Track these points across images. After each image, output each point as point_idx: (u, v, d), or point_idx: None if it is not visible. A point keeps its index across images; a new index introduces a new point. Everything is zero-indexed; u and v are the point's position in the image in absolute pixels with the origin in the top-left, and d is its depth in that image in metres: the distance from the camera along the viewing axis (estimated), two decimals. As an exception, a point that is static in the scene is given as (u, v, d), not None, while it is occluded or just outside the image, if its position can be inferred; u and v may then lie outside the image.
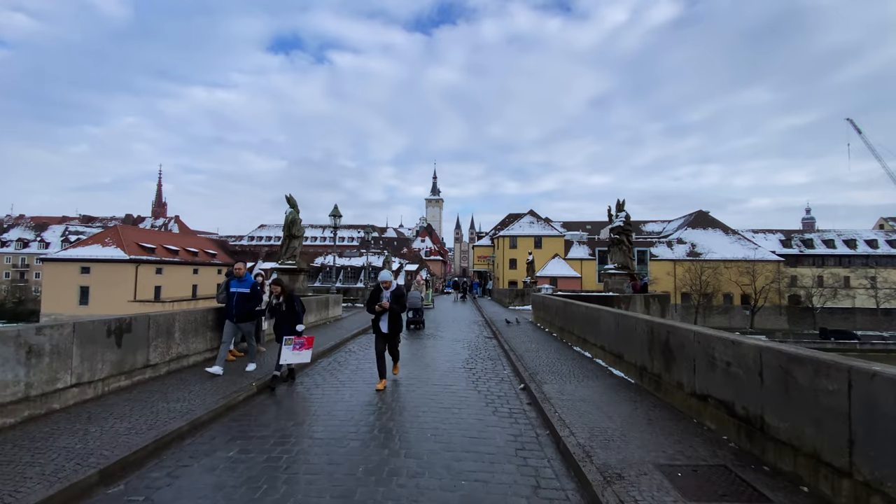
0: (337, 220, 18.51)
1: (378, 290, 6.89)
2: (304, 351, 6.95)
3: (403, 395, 6.44)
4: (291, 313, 7.05)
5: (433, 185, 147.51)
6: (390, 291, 6.81)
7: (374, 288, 6.98)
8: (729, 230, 72.07)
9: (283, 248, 19.57)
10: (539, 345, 10.66)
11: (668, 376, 5.80)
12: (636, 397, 6.01)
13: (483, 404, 6.06)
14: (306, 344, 7.01)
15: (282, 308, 7.07)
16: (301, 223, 19.49)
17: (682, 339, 5.50)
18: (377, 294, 6.85)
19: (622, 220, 18.84)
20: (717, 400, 4.74)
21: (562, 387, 6.58)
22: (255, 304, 7.55)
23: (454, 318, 19.00)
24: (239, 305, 7.37)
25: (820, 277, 67.39)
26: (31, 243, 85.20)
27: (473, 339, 12.13)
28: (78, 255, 48.68)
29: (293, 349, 6.82)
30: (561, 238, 70.15)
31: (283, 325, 7.03)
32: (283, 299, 7.07)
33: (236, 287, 7.46)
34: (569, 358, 8.92)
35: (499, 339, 11.72)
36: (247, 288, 7.48)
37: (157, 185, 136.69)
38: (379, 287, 6.91)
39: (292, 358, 6.84)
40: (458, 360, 9.17)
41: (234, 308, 7.34)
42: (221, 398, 5.86)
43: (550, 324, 13.36)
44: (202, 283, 59.66)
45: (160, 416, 5.12)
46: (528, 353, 9.41)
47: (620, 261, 18.67)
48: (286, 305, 7.07)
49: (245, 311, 7.42)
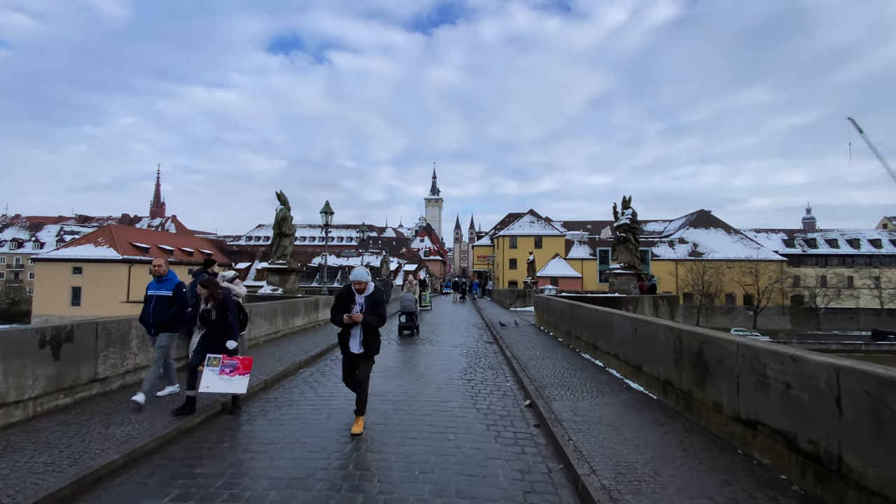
0: (329, 217, 17.61)
1: (348, 293, 5.03)
2: (236, 377, 5.20)
3: (390, 415, 5.54)
4: (223, 325, 5.39)
5: (433, 185, 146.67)
6: (365, 296, 5.00)
7: (343, 290, 5.12)
8: (731, 230, 71.25)
9: (274, 246, 18.68)
10: (544, 351, 9.76)
11: (702, 394, 4.91)
12: (662, 418, 5.12)
13: (483, 427, 5.16)
14: (241, 368, 5.26)
15: (210, 317, 5.39)
16: (292, 221, 18.60)
17: (720, 351, 4.61)
18: (346, 299, 5.01)
19: (628, 217, 17.97)
20: (772, 429, 3.85)
21: (574, 404, 5.69)
22: (180, 310, 5.81)
23: (453, 320, 18.10)
24: (157, 312, 5.74)
25: (823, 277, 66.64)
26: (26, 243, 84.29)
27: (472, 345, 11.23)
28: (70, 255, 47.77)
29: (220, 373, 5.16)
30: (561, 238, 69.28)
31: (210, 341, 5.40)
32: (213, 305, 5.39)
33: (155, 289, 5.84)
34: (578, 367, 8.02)
35: (500, 345, 10.83)
36: (168, 290, 5.86)
37: (155, 184, 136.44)
38: (350, 290, 5.04)
39: (218, 385, 5.14)
40: (456, 369, 8.27)
41: (151, 316, 5.74)
42: (175, 420, 4.96)
43: (555, 327, 12.46)
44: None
45: (92, 445, 4.23)
46: (532, 362, 8.51)
47: (627, 260, 17.79)
48: (217, 313, 5.39)
49: (164, 320, 5.77)
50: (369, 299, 5.01)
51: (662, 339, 5.85)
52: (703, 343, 4.92)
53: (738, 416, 4.31)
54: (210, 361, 5.23)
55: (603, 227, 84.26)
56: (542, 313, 14.41)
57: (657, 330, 6.02)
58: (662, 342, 5.85)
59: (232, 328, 5.43)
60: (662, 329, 5.88)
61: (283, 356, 8.83)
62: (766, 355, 3.92)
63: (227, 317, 5.40)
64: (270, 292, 17.62)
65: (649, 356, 6.28)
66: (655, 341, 6.06)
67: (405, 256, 79.34)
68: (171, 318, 5.79)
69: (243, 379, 5.29)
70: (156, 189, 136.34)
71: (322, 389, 6.70)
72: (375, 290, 5.13)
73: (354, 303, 4.98)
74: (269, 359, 8.50)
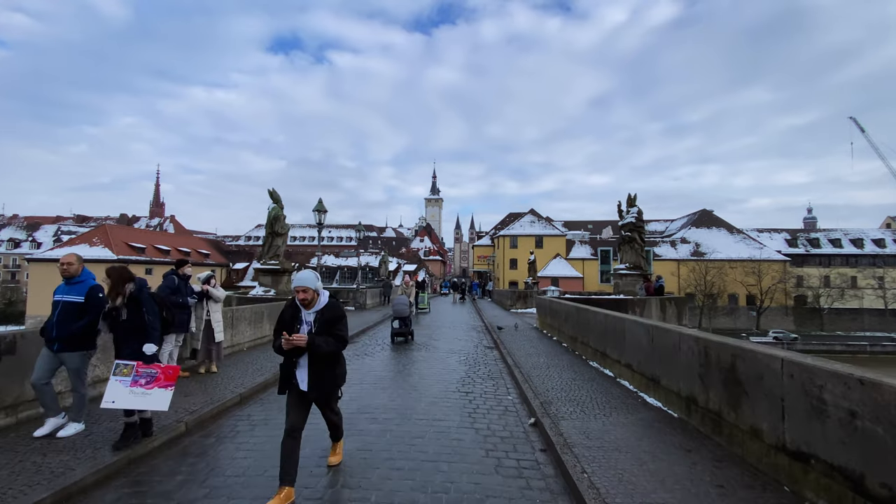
0: (322, 215, 16.95)
1: (291, 307, 3.68)
2: (154, 390, 4.09)
3: (376, 438, 4.87)
4: (137, 325, 4.25)
5: (433, 185, 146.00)
6: (316, 311, 3.65)
7: (287, 303, 3.79)
8: (734, 229, 70.57)
9: (266, 246, 18.01)
10: (548, 359, 9.09)
11: (735, 417, 4.25)
12: (688, 443, 4.46)
13: (482, 452, 4.49)
14: (161, 378, 4.15)
15: (119, 317, 4.25)
16: (285, 220, 17.94)
17: (759, 367, 3.94)
18: (289, 316, 3.64)
19: (634, 215, 17.30)
20: (829, 465, 3.18)
21: (585, 424, 5.02)
22: (93, 321, 4.46)
23: (451, 322, 17.43)
24: (62, 323, 4.40)
25: (826, 277, 65.98)
26: (23, 243, 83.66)
27: (471, 351, 10.56)
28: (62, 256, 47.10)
29: (131, 385, 4.05)
30: (562, 238, 68.62)
31: (121, 345, 4.29)
32: (122, 302, 4.25)
33: (63, 293, 4.50)
34: (586, 378, 7.35)
35: (500, 351, 10.16)
36: (79, 295, 4.47)
37: (154, 184, 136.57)
38: (294, 304, 3.68)
39: (127, 400, 4.04)
40: (453, 379, 7.60)
41: (55, 327, 4.40)
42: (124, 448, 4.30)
43: (559, 331, 11.79)
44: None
45: (19, 479, 3.57)
46: (536, 371, 7.84)
47: (632, 260, 17.13)
48: (128, 312, 4.25)
49: (70, 333, 4.41)
50: (321, 316, 3.58)
51: (685, 351, 5.18)
52: (736, 357, 4.25)
53: (782, 445, 3.65)
54: (118, 370, 4.07)
55: (604, 226, 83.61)
56: (545, 316, 13.74)
57: (679, 340, 5.35)
58: (685, 353, 5.18)
59: (149, 328, 4.26)
60: (685, 339, 5.21)
61: (266, 364, 8.16)
62: (824, 376, 3.26)
63: (143, 314, 4.26)
64: (262, 294, 16.98)
65: (668, 368, 5.61)
66: (676, 352, 5.39)
67: (405, 256, 78.67)
68: (79, 330, 4.43)
69: (164, 393, 4.12)
70: (155, 189, 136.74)
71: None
72: (330, 303, 3.69)
73: (300, 321, 3.59)
74: (251, 367, 7.84)
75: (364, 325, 14.69)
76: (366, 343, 11.56)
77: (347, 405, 5.90)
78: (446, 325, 16.33)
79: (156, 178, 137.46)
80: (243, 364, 8.00)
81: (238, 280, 61.18)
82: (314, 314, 3.63)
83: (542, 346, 10.68)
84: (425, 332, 13.99)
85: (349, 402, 6.12)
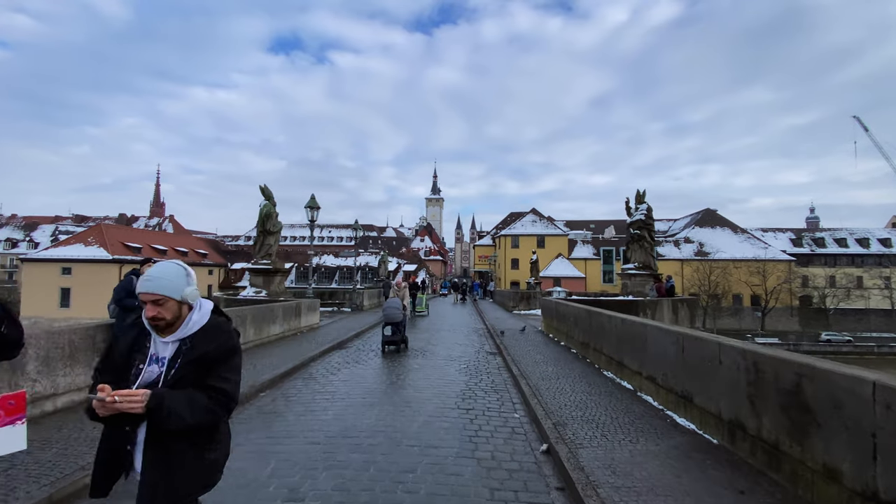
0: (314, 212, 16.14)
1: (137, 332, 1.95)
2: None
3: (356, 473, 4.02)
4: None
5: (433, 184, 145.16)
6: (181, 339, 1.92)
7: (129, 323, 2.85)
8: (738, 229, 69.68)
9: (258, 245, 17.18)
10: (557, 367, 8.26)
11: (801, 451, 3.42)
12: (739, 480, 3.63)
13: (486, 493, 3.66)
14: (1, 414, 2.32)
15: None
16: (277, 217, 17.10)
17: (837, 392, 3.11)
18: (130, 347, 1.93)
19: (643, 213, 16.47)
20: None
21: (609, 453, 4.20)
22: None
23: (451, 325, 16.61)
24: None
25: (832, 277, 65.10)
26: (21, 243, 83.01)
27: (472, 357, 9.73)
28: (58, 255, 46.41)
29: None
30: (564, 237, 67.81)
31: None
32: None
33: None
34: (603, 392, 6.52)
35: (504, 357, 9.34)
36: None
37: (154, 184, 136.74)
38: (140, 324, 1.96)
39: None
40: (452, 392, 6.78)
41: None
42: (49, 483, 3.47)
43: (567, 336, 10.96)
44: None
45: None
46: (545, 382, 7.02)
47: (641, 259, 16.30)
48: None
49: None
50: (189, 351, 1.89)
51: (727, 365, 4.35)
52: (802, 376, 3.42)
53: (872, 493, 2.82)
54: None
55: (606, 226, 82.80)
56: (552, 319, 12.90)
57: (718, 351, 4.52)
58: (727, 368, 4.35)
59: None
60: (728, 351, 4.38)
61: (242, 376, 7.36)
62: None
63: None
64: (253, 295, 16.18)
65: (704, 384, 4.79)
66: (714, 366, 4.57)
67: (405, 256, 77.85)
68: None
69: (12, 431, 2.41)
70: (156, 189, 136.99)
71: (278, 426, 5.21)
72: (211, 326, 1.98)
73: (145, 357, 1.91)
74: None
75: (360, 328, 13.87)
76: (359, 349, 10.73)
77: (329, 426, 5.11)
78: (445, 327, 15.50)
79: (156, 178, 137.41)
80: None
81: (236, 280, 60.40)
82: (176, 344, 1.91)
83: (549, 353, 9.86)
84: (423, 335, 13.18)
85: (332, 421, 5.33)
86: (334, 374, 7.81)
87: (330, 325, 14.79)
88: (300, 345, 10.39)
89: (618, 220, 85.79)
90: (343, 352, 10.18)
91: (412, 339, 11.36)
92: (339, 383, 7.12)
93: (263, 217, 16.72)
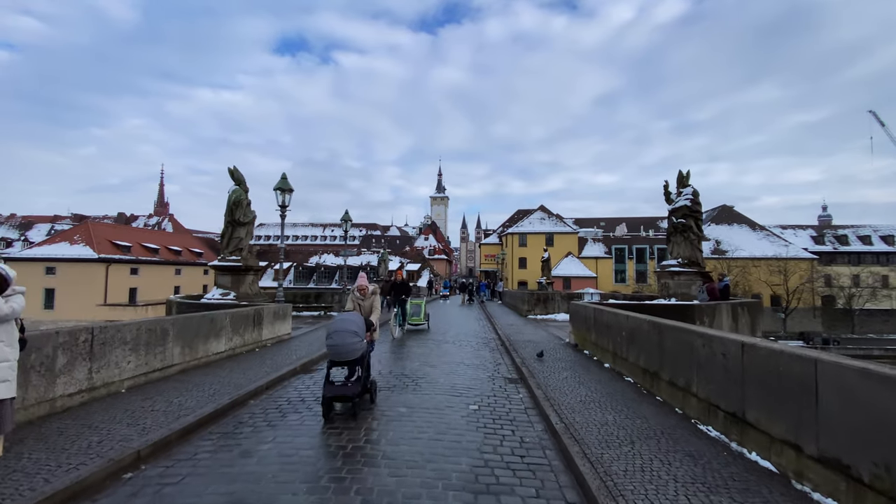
0: (286, 195, 13.38)
1: None
2: None
3: None
4: None
5: (438, 182, 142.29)
6: None
7: None
8: (756, 226, 66.34)
9: (225, 238, 14.40)
10: (618, 413, 5.40)
11: None
12: None
13: None
14: None
15: None
16: (249, 206, 14.36)
17: None
18: None
19: (688, 197, 13.58)
20: None
21: None
22: None
23: (456, 334, 13.75)
24: None
25: (856, 276, 61.77)
26: (15, 242, 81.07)
27: (486, 388, 6.90)
28: (41, 255, 43.99)
29: None
30: (574, 235, 64.72)
31: None
32: None
33: None
34: (724, 476, 3.68)
35: (532, 390, 6.50)
36: None
37: (158, 185, 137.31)
38: None
39: None
40: (457, 469, 3.98)
41: None
42: None
43: (614, 356, 8.07)
44: (186, 283, 54.81)
45: None
46: (610, 448, 4.20)
47: (686, 254, 13.41)
48: None
49: None
50: None
51: None
52: None
53: None
54: None
55: (618, 223, 79.68)
56: (588, 332, 10.00)
57: None
58: None
59: None
60: None
61: (146, 418, 4.62)
62: None
63: None
64: (219, 298, 13.46)
65: None
66: None
67: (408, 255, 75.04)
68: None
69: None
70: (159, 189, 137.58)
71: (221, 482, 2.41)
72: None
73: None
74: (82, 444, 4.22)
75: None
76: (305, 386, 6.91)
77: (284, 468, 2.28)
78: (449, 338, 12.66)
79: (160, 178, 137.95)
80: (72, 435, 4.39)
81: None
82: None
83: (597, 383, 6.99)
84: (419, 350, 10.38)
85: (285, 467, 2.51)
86: (274, 426, 5.02)
87: (305, 335, 11.99)
88: (250, 367, 7.60)
89: (629, 218, 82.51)
90: (308, 378, 7.37)
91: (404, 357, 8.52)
92: (268, 452, 4.32)
93: (232, 205, 13.98)
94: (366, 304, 6.71)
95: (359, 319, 5.63)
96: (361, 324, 5.60)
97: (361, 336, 5.49)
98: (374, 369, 7.02)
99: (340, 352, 5.31)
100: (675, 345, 5.70)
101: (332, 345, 5.33)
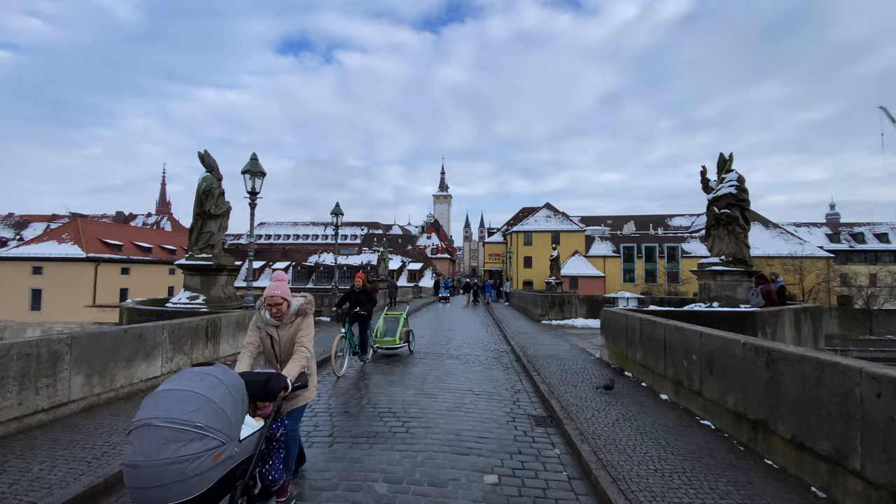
0: (256, 180, 11.45)
1: None
2: None
3: None
4: None
5: (441, 181, 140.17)
6: None
7: None
8: (769, 223, 64.13)
9: (194, 233, 12.31)
10: (726, 499, 3.46)
11: None
12: None
13: None
14: None
15: None
16: (222, 195, 12.40)
17: None
18: None
19: (733, 184, 11.56)
20: None
21: None
22: None
23: (460, 345, 11.76)
24: None
25: (874, 276, 59.58)
26: (10, 241, 79.45)
27: (506, 441, 4.89)
28: (27, 254, 42.24)
29: None
30: (581, 233, 62.59)
31: None
32: None
33: None
34: None
35: (570, 438, 4.52)
36: None
37: (161, 184, 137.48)
38: None
39: None
40: None
41: None
42: None
43: (677, 385, 6.05)
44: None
45: None
46: None
47: (731, 251, 11.38)
48: None
49: None
50: None
51: None
52: None
53: None
54: None
55: (625, 221, 77.60)
56: (632, 349, 7.95)
57: None
58: None
59: None
60: None
61: None
62: None
63: None
64: (185, 303, 11.55)
65: None
66: None
67: (410, 254, 73.06)
68: None
69: None
70: (161, 188, 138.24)
71: None
72: None
73: None
74: None
75: (320, 354, 9.06)
76: None
77: None
78: (451, 352, 10.66)
79: (162, 177, 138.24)
80: None
81: (229, 280, 55.91)
82: None
83: (662, 430, 5.01)
84: (415, 369, 8.41)
85: None
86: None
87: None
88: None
89: (637, 216, 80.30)
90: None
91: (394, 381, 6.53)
92: None
93: (202, 194, 11.98)
94: (284, 336, 3.47)
95: (223, 388, 2.36)
96: (230, 396, 2.38)
97: (224, 431, 2.26)
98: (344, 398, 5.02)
99: (145, 497, 2.06)
100: (804, 385, 3.71)
101: (131, 474, 2.09)
